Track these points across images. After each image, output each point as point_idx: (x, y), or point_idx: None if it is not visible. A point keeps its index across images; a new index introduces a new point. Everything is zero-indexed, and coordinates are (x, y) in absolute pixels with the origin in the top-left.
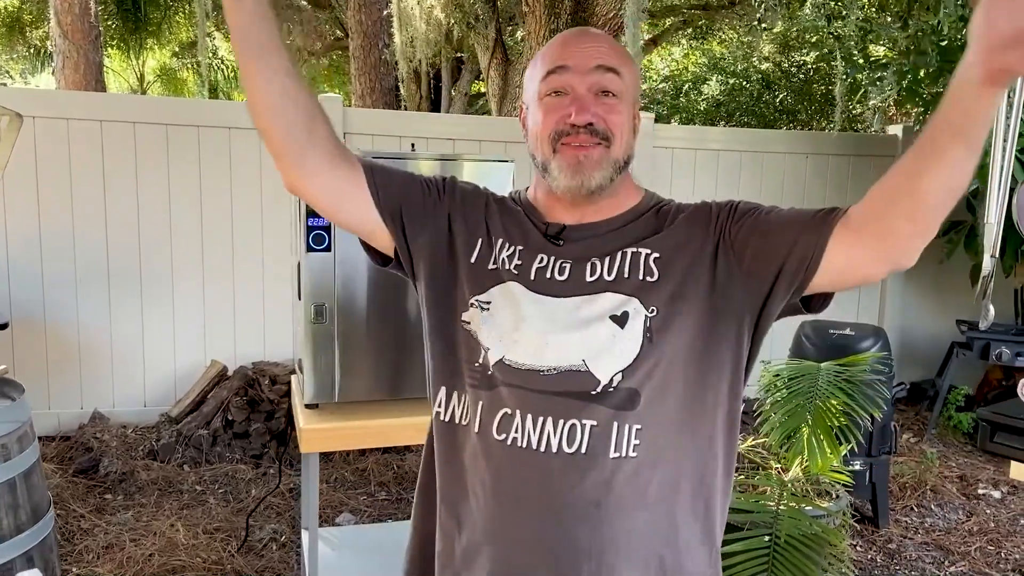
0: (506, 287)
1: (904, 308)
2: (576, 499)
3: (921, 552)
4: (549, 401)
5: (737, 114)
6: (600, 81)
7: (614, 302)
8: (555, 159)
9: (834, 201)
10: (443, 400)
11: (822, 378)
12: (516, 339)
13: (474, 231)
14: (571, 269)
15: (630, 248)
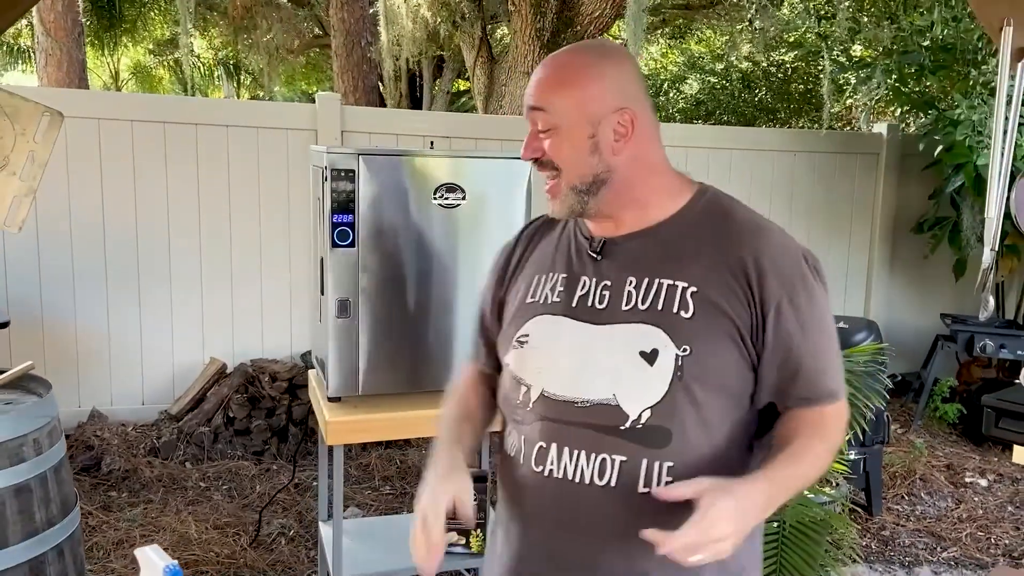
0: (545, 319)
1: (889, 302)
2: (611, 529)
3: (914, 539)
4: (580, 434)
5: (717, 112)
6: (534, 120)
7: (646, 336)
8: (546, 183)
9: (821, 197)
10: (506, 434)
11: None
12: (554, 371)
13: (516, 280)
14: (610, 296)
15: (665, 280)
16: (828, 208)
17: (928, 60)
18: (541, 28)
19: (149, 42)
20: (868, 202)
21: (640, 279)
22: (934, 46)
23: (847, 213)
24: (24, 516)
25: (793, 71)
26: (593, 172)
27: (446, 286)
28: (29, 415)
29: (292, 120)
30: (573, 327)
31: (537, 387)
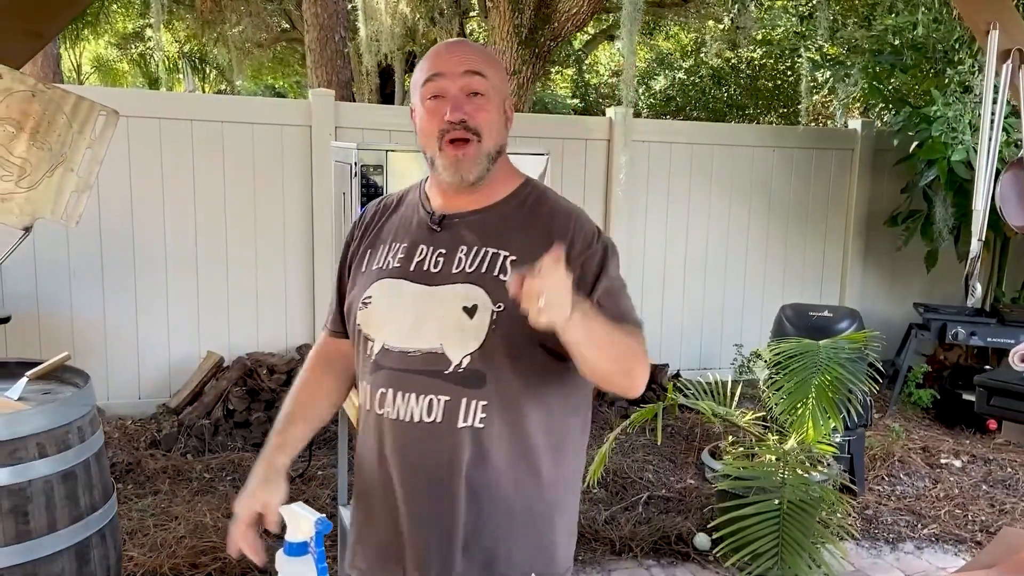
0: (386, 282)
1: (863, 292)
2: (436, 460)
3: (896, 517)
4: (413, 379)
5: (687, 108)
6: (469, 83)
7: (468, 294)
8: (440, 156)
9: (798, 191)
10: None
11: (821, 355)
12: (393, 326)
13: (361, 250)
14: (443, 261)
15: (491, 248)
16: (805, 202)
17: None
18: (519, 25)
19: (111, 35)
20: (843, 196)
21: (471, 247)
22: (905, 45)
23: (823, 207)
24: (70, 501)
25: (761, 68)
26: (499, 143)
27: None
28: (73, 404)
29: (287, 116)
30: (410, 288)
31: (379, 341)
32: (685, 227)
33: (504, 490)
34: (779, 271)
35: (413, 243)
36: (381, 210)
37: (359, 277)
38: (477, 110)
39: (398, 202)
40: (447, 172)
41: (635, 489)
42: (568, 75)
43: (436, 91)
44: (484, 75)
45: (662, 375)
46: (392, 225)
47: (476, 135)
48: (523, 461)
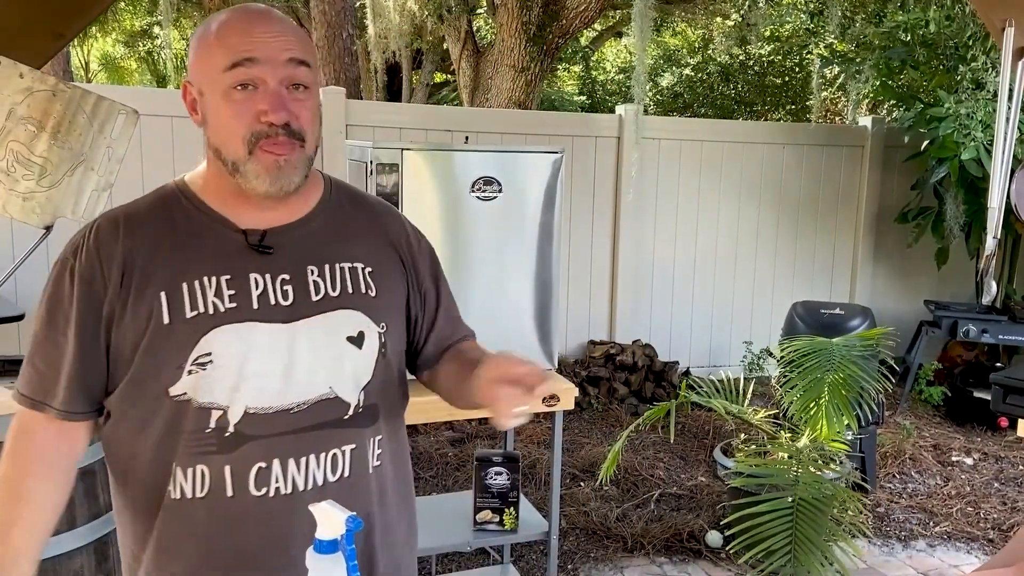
0: (226, 330)
1: (874, 289)
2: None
3: (908, 515)
4: (304, 439)
5: (695, 105)
6: (293, 75)
7: (347, 321)
8: (251, 161)
9: (808, 188)
10: (173, 477)
11: (835, 353)
12: (256, 383)
13: (125, 297)
14: (293, 291)
15: (344, 263)
16: (815, 199)
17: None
18: (527, 22)
19: (119, 33)
20: (853, 193)
21: (320, 266)
22: (916, 42)
23: (833, 204)
24: (89, 498)
25: (770, 64)
26: (317, 145)
27: (483, 276)
28: None
29: None
30: (265, 330)
31: (237, 407)
32: (695, 224)
33: (400, 526)
34: (789, 268)
35: (239, 273)
36: (126, 233)
37: (152, 332)
38: (301, 108)
39: (147, 219)
40: (262, 180)
41: (647, 486)
42: (575, 72)
43: (247, 79)
44: (308, 64)
45: (672, 373)
46: (174, 252)
47: (300, 140)
48: (403, 483)
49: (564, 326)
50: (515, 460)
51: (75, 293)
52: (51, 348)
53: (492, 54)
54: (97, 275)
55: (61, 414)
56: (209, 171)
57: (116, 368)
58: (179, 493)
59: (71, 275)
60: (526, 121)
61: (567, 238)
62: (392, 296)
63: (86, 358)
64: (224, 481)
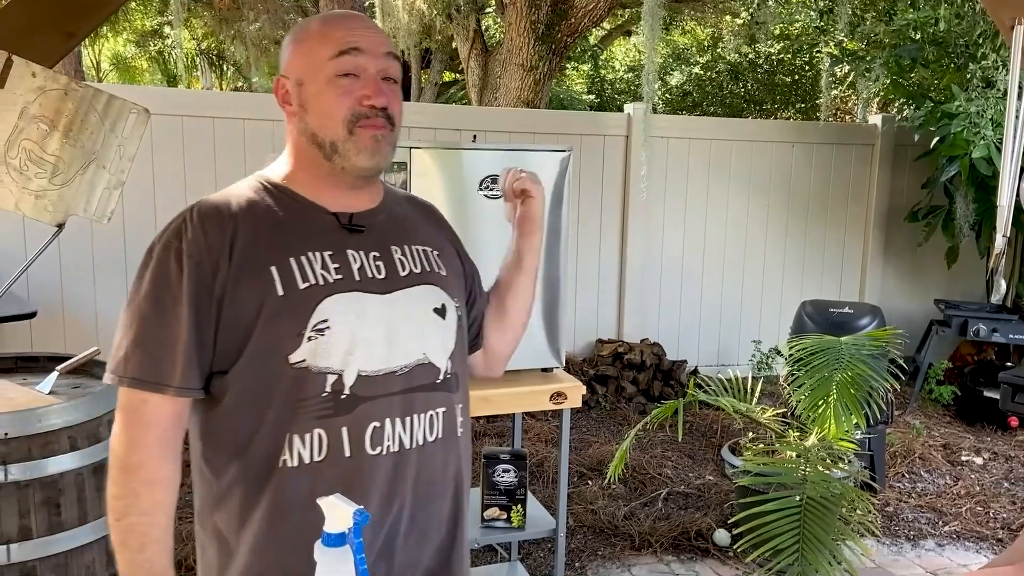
0: (338, 299)
1: (884, 288)
2: (441, 477)
3: (917, 514)
4: (410, 399)
5: (704, 103)
6: (388, 67)
7: (431, 295)
8: (351, 140)
9: (818, 187)
10: (288, 447)
11: (843, 352)
12: (365, 347)
13: (236, 273)
14: (384, 266)
15: (418, 246)
16: (824, 197)
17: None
18: (535, 21)
19: (130, 33)
20: (863, 191)
21: (401, 247)
22: (926, 40)
23: (843, 202)
24: (101, 493)
25: (779, 63)
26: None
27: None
28: (104, 397)
29: None
30: (369, 299)
31: (351, 370)
32: (703, 223)
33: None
34: (798, 267)
35: (338, 249)
36: (230, 218)
37: (268, 304)
38: (394, 97)
39: (248, 206)
40: (362, 156)
41: (654, 485)
42: (584, 71)
43: (352, 68)
44: (398, 60)
45: (680, 371)
46: (277, 233)
47: (392, 124)
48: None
49: (572, 325)
50: (523, 458)
51: (184, 273)
52: (162, 329)
53: (501, 53)
54: (205, 255)
55: (179, 391)
56: (295, 162)
57: (230, 344)
58: (296, 460)
59: (178, 257)
60: (535, 120)
61: (575, 237)
62: (455, 277)
63: (200, 336)
64: (342, 442)
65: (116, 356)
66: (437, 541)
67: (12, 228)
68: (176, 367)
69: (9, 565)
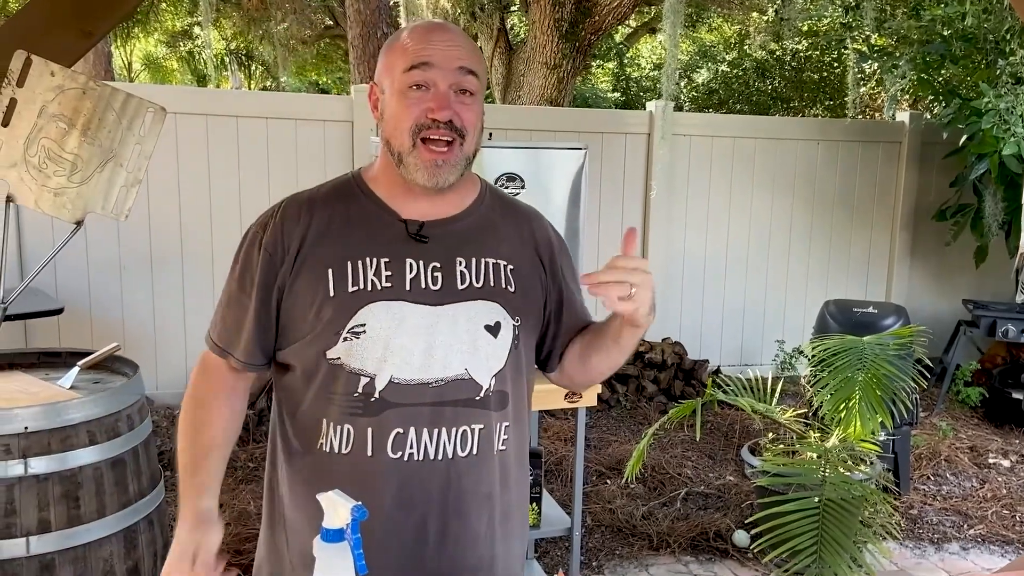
0: (381, 306)
1: (911, 288)
2: (475, 494)
3: (941, 517)
4: (440, 412)
5: (730, 101)
6: (461, 81)
7: (486, 311)
8: (413, 154)
9: (843, 185)
10: (324, 432)
11: (867, 352)
12: (401, 356)
13: (299, 267)
14: (442, 278)
15: (490, 259)
16: (850, 196)
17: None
18: (559, 19)
19: (160, 33)
20: (890, 190)
21: (468, 259)
22: (955, 36)
23: (869, 201)
24: (119, 487)
25: (807, 60)
26: (478, 147)
27: None
28: (123, 392)
29: (329, 112)
30: (413, 310)
31: (383, 375)
32: (727, 221)
33: (520, 509)
34: (823, 266)
35: (397, 257)
36: (306, 213)
37: (319, 301)
38: (466, 110)
39: (326, 203)
40: (421, 174)
41: (673, 485)
42: (609, 69)
43: (422, 81)
44: (476, 74)
45: (701, 371)
46: (344, 234)
47: (460, 136)
48: (523, 472)
49: None
50: (537, 456)
51: (259, 261)
52: (238, 306)
53: (524, 51)
54: (278, 248)
55: (241, 364)
56: (380, 164)
57: (288, 329)
58: (328, 447)
59: (259, 245)
60: (556, 118)
61: (596, 235)
62: (529, 294)
63: (263, 319)
64: (366, 441)
65: (213, 319)
66: (474, 559)
67: (40, 226)
68: (241, 341)
69: (29, 558)
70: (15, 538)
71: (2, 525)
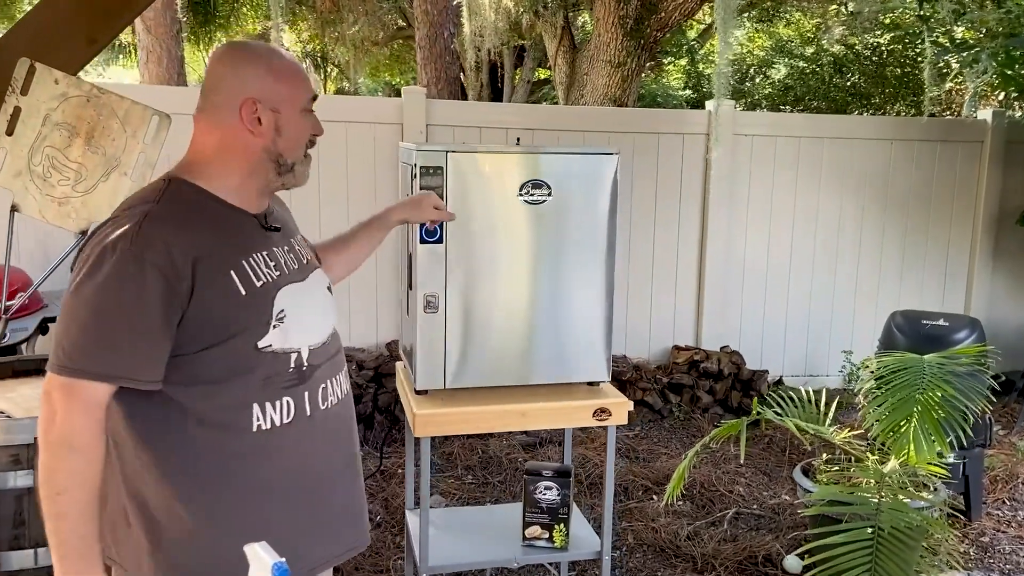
0: (286, 291)
1: (992, 298)
2: (353, 420)
3: (1015, 546)
4: (334, 362)
5: (807, 98)
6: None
7: (322, 276)
8: (304, 163)
9: (919, 188)
10: (257, 415)
11: (927, 370)
12: (310, 327)
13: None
14: (295, 258)
15: (299, 235)
16: (926, 199)
17: None
18: (624, 16)
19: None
20: (970, 193)
21: (294, 240)
22: None
23: (947, 204)
24: None
25: (889, 54)
26: None
27: (531, 282)
28: None
29: (379, 114)
30: (299, 287)
31: (305, 347)
32: (791, 224)
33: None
34: (895, 273)
35: (268, 248)
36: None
37: (233, 302)
38: None
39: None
40: (303, 179)
41: (723, 503)
42: (681, 66)
43: (311, 107)
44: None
45: (760, 381)
46: (224, 238)
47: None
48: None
49: (647, 329)
50: (567, 475)
51: (146, 276)
52: (137, 331)
53: (588, 49)
54: (166, 261)
55: (147, 384)
56: (236, 171)
57: (191, 339)
58: (269, 424)
59: (139, 264)
60: (607, 118)
61: (652, 238)
62: (313, 257)
63: (163, 334)
64: (304, 405)
65: (69, 348)
66: (359, 473)
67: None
68: (144, 361)
69: (36, 569)
70: (23, 549)
71: (10, 536)
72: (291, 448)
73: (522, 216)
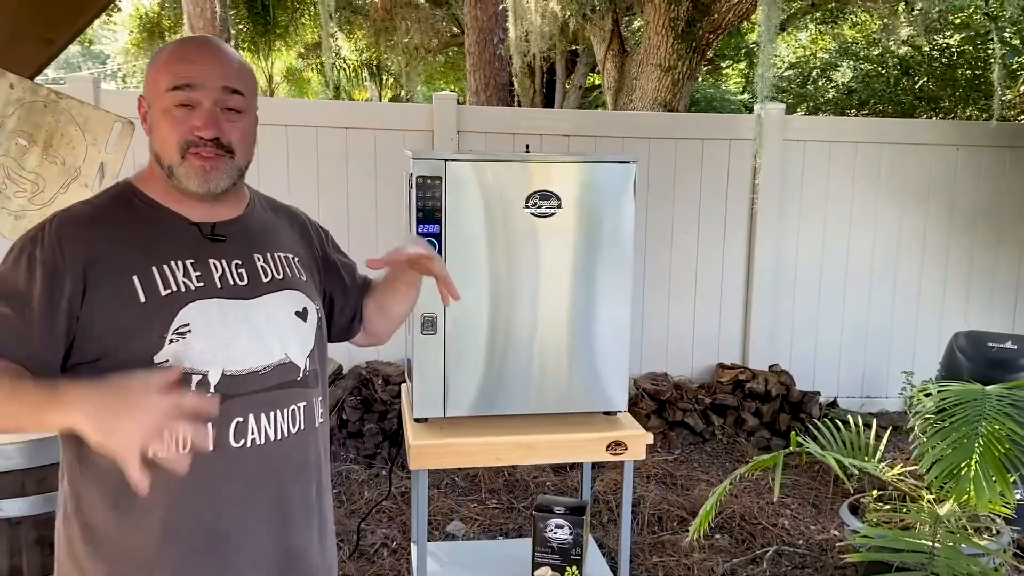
0: (199, 305)
1: None
2: (302, 465)
3: None
4: (272, 396)
5: (872, 102)
6: (226, 100)
7: (293, 299)
8: (183, 165)
9: (988, 201)
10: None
11: (989, 404)
12: (230, 349)
13: (101, 279)
14: (247, 274)
15: (280, 253)
16: (996, 210)
17: None
18: (675, 18)
19: (300, 46)
20: None
21: (264, 255)
22: None
23: (1018, 215)
24: None
25: (959, 55)
26: (249, 159)
27: (540, 302)
28: None
29: (409, 121)
30: (231, 305)
31: (215, 370)
32: (847, 235)
33: (329, 484)
34: (962, 289)
35: (200, 258)
36: (88, 228)
37: (129, 308)
38: (232, 128)
39: (109, 215)
40: (192, 182)
41: (765, 538)
42: (739, 69)
43: (186, 100)
44: (243, 93)
45: (811, 403)
46: (140, 242)
47: (229, 152)
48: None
49: (690, 346)
50: (580, 512)
51: (37, 278)
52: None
53: (638, 53)
54: (60, 263)
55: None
56: (154, 174)
57: (88, 341)
58: (164, 451)
59: (30, 261)
60: (650, 122)
61: (695, 249)
62: (313, 279)
63: (47, 337)
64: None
65: None
66: (303, 523)
67: None
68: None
69: None
70: None
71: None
72: (182, 486)
73: (529, 230)
